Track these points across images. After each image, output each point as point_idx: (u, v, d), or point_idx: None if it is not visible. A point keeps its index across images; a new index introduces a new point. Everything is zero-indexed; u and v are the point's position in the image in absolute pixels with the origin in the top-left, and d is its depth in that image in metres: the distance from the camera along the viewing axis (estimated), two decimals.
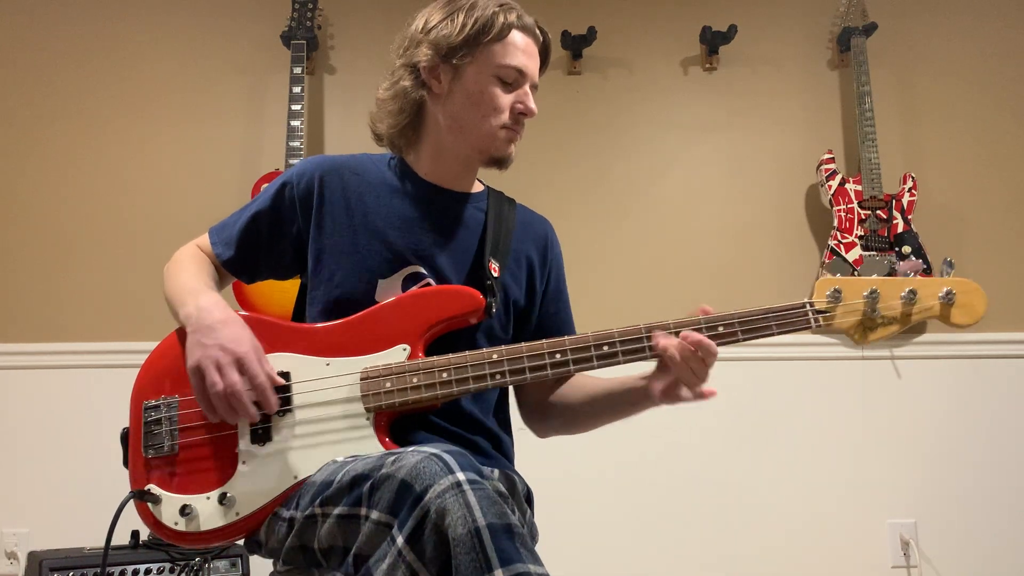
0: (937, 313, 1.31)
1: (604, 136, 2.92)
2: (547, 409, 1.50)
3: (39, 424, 2.61)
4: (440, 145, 1.44)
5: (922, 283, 1.31)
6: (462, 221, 1.45)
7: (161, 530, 1.29)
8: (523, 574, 0.94)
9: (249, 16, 2.91)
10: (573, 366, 1.30)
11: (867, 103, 2.81)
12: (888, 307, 1.31)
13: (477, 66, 1.38)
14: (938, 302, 1.31)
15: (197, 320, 1.28)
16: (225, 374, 1.23)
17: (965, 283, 1.31)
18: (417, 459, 1.03)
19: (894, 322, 1.31)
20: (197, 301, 1.31)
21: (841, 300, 1.31)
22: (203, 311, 1.29)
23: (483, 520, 0.96)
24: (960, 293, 1.31)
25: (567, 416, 1.48)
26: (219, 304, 1.31)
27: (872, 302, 1.30)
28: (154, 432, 1.31)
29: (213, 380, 1.22)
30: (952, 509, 2.69)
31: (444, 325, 1.33)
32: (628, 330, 1.30)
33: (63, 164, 2.79)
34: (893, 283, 1.32)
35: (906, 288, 1.31)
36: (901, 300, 1.31)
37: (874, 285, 1.31)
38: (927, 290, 1.31)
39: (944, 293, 1.30)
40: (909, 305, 1.31)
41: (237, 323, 1.29)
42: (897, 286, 1.31)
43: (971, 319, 1.31)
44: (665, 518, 2.66)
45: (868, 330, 1.32)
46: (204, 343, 1.25)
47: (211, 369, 1.23)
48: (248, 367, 1.24)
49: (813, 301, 1.32)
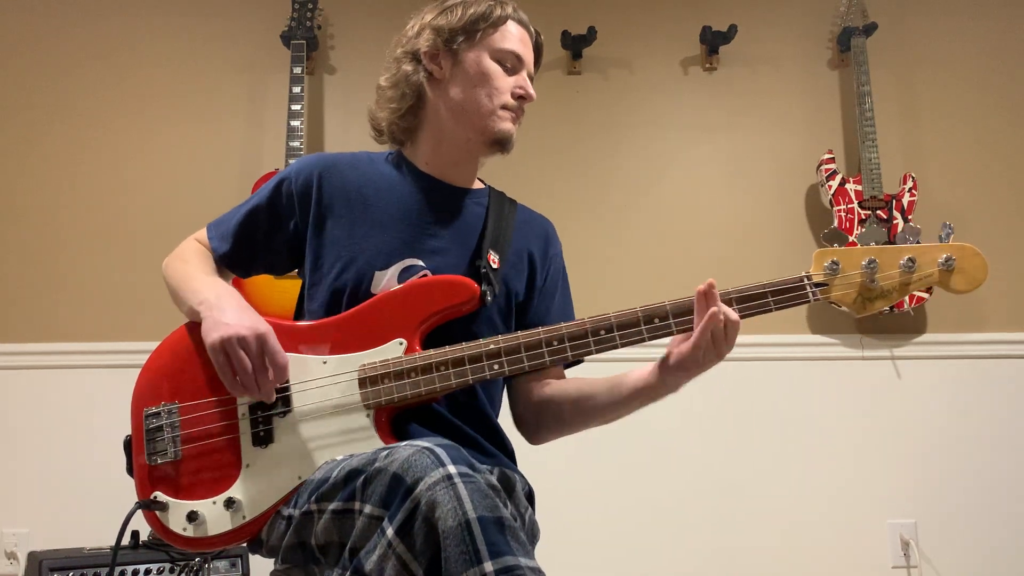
0: (937, 280, 1.28)
1: (604, 136, 2.92)
2: (538, 408, 1.47)
3: (39, 424, 2.61)
4: (440, 132, 1.45)
5: (921, 250, 1.28)
6: (461, 215, 1.46)
7: (170, 536, 1.29)
8: (513, 567, 0.94)
9: (249, 16, 2.91)
10: (571, 352, 1.29)
11: (867, 103, 2.81)
12: (887, 276, 1.27)
13: (477, 49, 1.42)
14: (937, 269, 1.27)
15: (216, 304, 1.30)
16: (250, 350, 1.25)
17: (965, 248, 1.27)
18: (409, 452, 1.04)
19: (893, 291, 1.28)
20: (216, 290, 1.34)
21: (839, 271, 1.28)
22: (221, 297, 1.32)
23: (473, 513, 0.96)
24: (960, 258, 1.26)
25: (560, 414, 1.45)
26: (235, 293, 1.35)
27: (871, 272, 1.27)
28: (157, 439, 1.31)
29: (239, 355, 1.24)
30: (952, 509, 2.68)
31: (439, 316, 1.33)
32: (624, 313, 1.29)
33: (63, 164, 2.79)
34: (891, 251, 1.28)
35: (905, 256, 1.27)
36: (900, 268, 1.27)
37: (872, 254, 1.27)
38: (926, 257, 1.27)
39: (944, 259, 1.26)
40: (908, 273, 1.27)
41: (252, 310, 1.31)
42: (896, 254, 1.28)
43: (971, 285, 1.27)
44: (666, 517, 2.66)
45: (867, 301, 1.28)
46: (227, 321, 1.26)
47: (235, 345, 1.24)
48: (270, 346, 1.27)
49: (811, 274, 1.29)
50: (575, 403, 1.43)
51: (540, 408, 1.48)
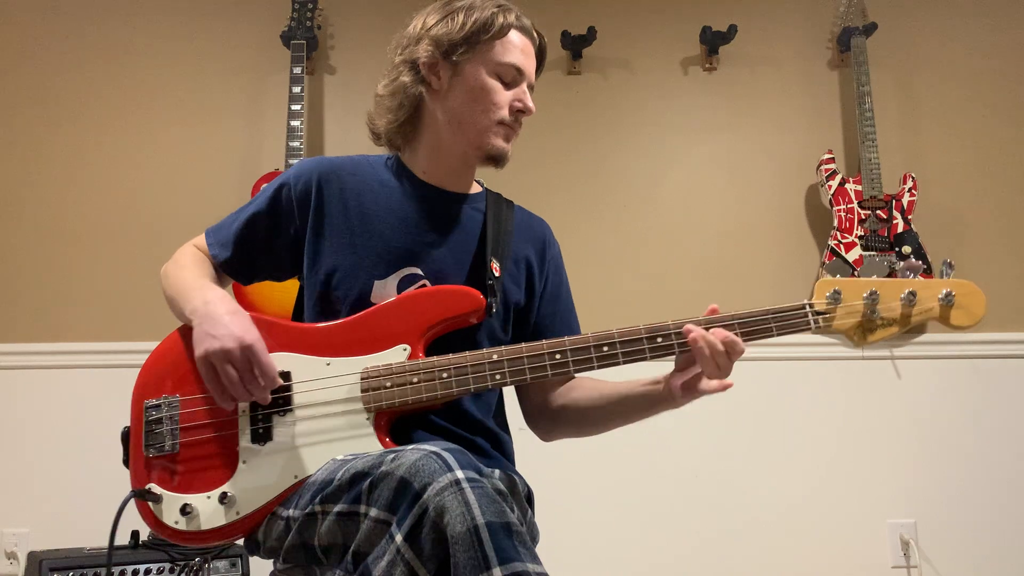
0: (937, 315, 1.31)
1: (604, 136, 2.92)
2: (556, 412, 1.49)
3: (39, 424, 2.61)
4: (438, 142, 1.45)
5: (922, 284, 1.31)
6: (460, 221, 1.45)
7: (162, 529, 1.29)
8: (521, 573, 0.94)
9: (249, 16, 2.91)
10: (573, 367, 1.30)
11: (867, 103, 2.81)
12: (888, 308, 1.31)
13: (476, 63, 1.40)
14: (938, 304, 1.31)
15: (205, 313, 1.29)
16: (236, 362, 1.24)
17: (965, 284, 1.31)
18: (416, 457, 1.04)
19: (894, 323, 1.31)
20: (204, 296, 1.32)
21: (841, 301, 1.31)
22: (210, 304, 1.30)
23: (482, 518, 0.96)
24: (960, 295, 1.30)
25: (579, 419, 1.47)
26: (225, 298, 1.33)
27: (872, 303, 1.30)
28: (155, 431, 1.32)
29: (225, 369, 1.24)
30: (952, 509, 2.69)
31: (444, 325, 1.34)
32: (628, 331, 1.30)
33: (63, 164, 2.79)
34: (893, 284, 1.32)
35: (906, 289, 1.30)
36: (901, 301, 1.31)
37: (874, 286, 1.31)
38: (927, 291, 1.31)
39: (944, 295, 1.30)
40: (909, 306, 1.31)
41: (244, 316, 1.30)
42: (897, 287, 1.31)
43: (970, 321, 1.31)
44: (665, 518, 2.66)
45: (868, 331, 1.32)
46: (213, 333, 1.26)
47: (222, 359, 1.24)
48: (258, 356, 1.26)
49: (813, 302, 1.32)
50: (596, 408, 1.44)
51: (557, 412, 1.49)
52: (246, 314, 1.31)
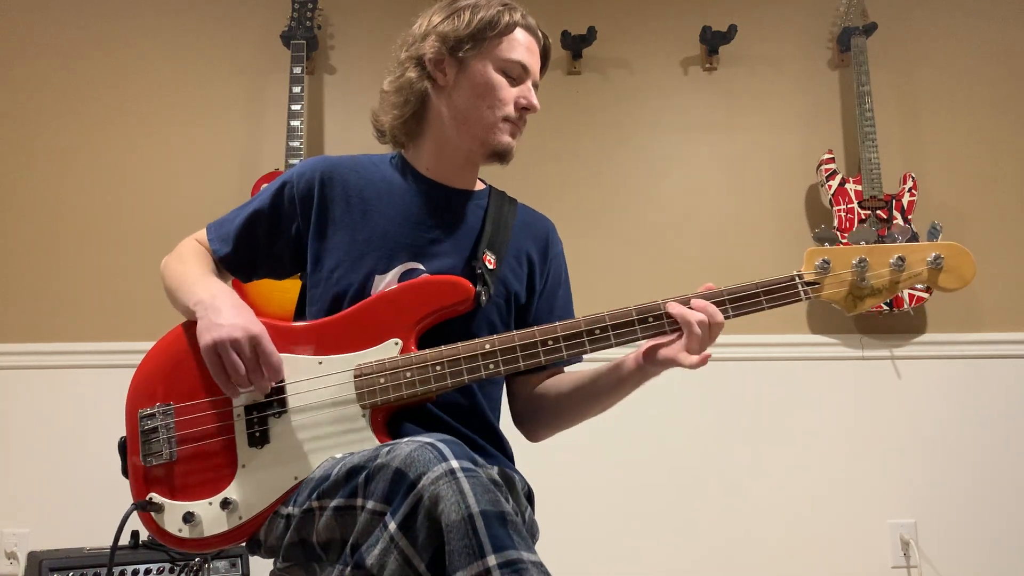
0: (926, 279, 1.30)
1: (604, 136, 2.92)
2: (536, 402, 1.49)
3: (39, 424, 2.61)
4: (442, 139, 1.45)
5: (910, 249, 1.30)
6: (462, 218, 1.46)
7: (166, 538, 1.29)
8: (516, 560, 0.94)
9: (249, 16, 2.91)
10: (566, 352, 1.30)
11: (867, 103, 2.81)
12: (877, 275, 1.30)
13: (482, 59, 1.40)
14: (926, 268, 1.30)
15: (211, 305, 1.30)
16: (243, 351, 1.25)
17: (953, 247, 1.30)
18: (411, 448, 1.04)
19: (883, 290, 1.30)
20: (210, 289, 1.33)
21: (830, 270, 1.30)
22: (217, 298, 1.31)
23: (476, 507, 0.96)
24: (948, 257, 1.29)
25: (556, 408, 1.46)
26: (231, 293, 1.34)
27: (861, 271, 1.29)
28: (151, 441, 1.31)
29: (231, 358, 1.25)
30: (952, 509, 2.68)
31: (434, 316, 1.33)
32: (618, 312, 1.30)
33: (63, 164, 2.79)
34: (881, 250, 1.30)
35: (894, 255, 1.29)
36: (890, 267, 1.29)
37: (863, 253, 1.29)
38: (915, 256, 1.30)
39: (932, 258, 1.29)
40: (898, 272, 1.29)
41: (248, 310, 1.31)
42: (885, 253, 1.30)
43: (959, 283, 1.29)
44: (665, 518, 2.66)
45: (858, 299, 1.31)
46: (221, 323, 1.26)
47: (229, 347, 1.25)
48: (263, 347, 1.27)
49: (802, 273, 1.31)
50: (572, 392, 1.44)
51: (537, 404, 1.49)
52: (250, 308, 1.32)
